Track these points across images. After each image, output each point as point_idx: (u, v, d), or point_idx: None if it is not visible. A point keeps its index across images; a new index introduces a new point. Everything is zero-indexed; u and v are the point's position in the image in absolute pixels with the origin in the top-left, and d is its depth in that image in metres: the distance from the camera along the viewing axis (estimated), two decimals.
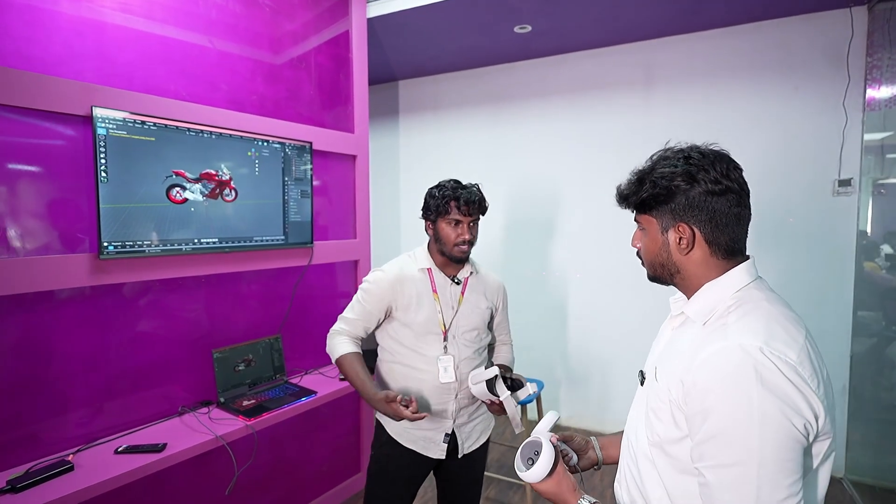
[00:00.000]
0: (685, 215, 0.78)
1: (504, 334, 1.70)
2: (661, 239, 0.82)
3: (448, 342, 1.49)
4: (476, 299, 1.55)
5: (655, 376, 0.82)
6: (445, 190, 1.46)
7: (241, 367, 2.02)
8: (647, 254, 0.85)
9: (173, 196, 1.73)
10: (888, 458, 2.43)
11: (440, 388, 1.48)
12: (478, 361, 1.55)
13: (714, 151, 0.79)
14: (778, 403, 0.65)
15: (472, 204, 1.44)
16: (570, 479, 0.86)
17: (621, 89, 3.14)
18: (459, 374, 1.48)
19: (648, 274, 0.88)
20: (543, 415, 1.19)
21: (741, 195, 0.78)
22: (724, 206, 0.76)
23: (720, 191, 0.76)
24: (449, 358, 1.48)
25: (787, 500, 0.65)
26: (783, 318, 0.73)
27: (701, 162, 0.77)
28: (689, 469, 0.74)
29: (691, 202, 0.77)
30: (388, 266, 1.54)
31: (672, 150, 0.82)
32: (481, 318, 1.54)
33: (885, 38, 2.40)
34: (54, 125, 1.51)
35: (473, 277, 1.57)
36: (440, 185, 1.49)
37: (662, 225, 0.81)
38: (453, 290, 1.53)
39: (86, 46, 1.60)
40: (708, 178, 0.76)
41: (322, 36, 2.42)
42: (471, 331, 1.52)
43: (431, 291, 1.50)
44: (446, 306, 1.51)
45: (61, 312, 1.57)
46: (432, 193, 1.49)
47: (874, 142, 2.51)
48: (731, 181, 0.76)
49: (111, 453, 1.55)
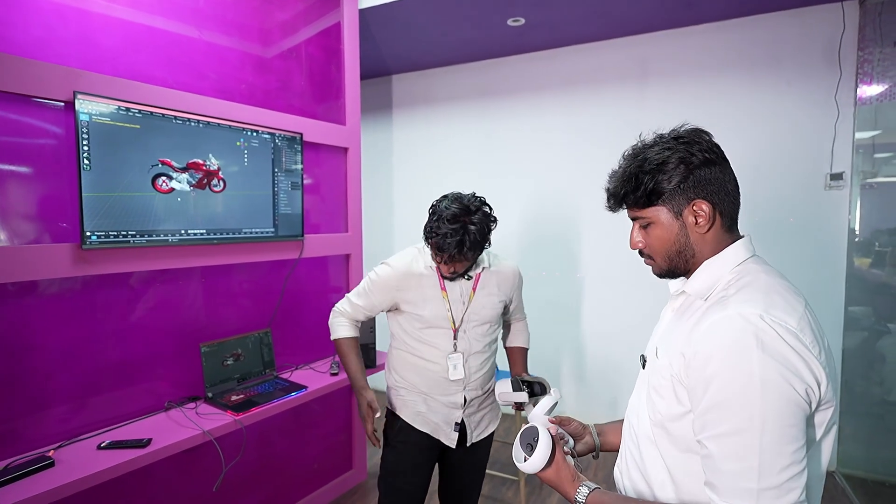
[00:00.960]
0: (697, 191, 0.77)
1: (518, 313, 1.69)
2: (678, 224, 0.79)
3: (458, 339, 1.47)
4: (488, 293, 1.51)
5: (657, 354, 0.82)
6: (434, 235, 1.34)
7: (229, 361, 1.98)
8: (662, 245, 0.81)
9: (159, 185, 1.69)
10: (880, 451, 2.44)
11: (449, 382, 1.48)
12: (487, 354, 1.54)
13: (691, 129, 0.81)
14: (779, 368, 0.64)
15: (455, 259, 1.34)
16: (569, 468, 0.85)
17: (615, 83, 3.13)
18: (468, 369, 1.48)
19: (661, 270, 0.84)
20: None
21: (729, 163, 0.81)
22: (725, 174, 0.78)
23: (716, 159, 0.78)
24: (458, 356, 1.47)
25: (791, 467, 0.64)
26: (782, 288, 0.73)
27: (689, 137, 0.79)
28: (692, 447, 0.73)
29: (698, 178, 0.77)
30: (397, 260, 1.50)
31: (651, 140, 0.82)
32: (494, 312, 1.52)
33: (877, 33, 2.41)
34: (35, 111, 1.46)
35: (486, 272, 1.52)
36: (436, 216, 1.35)
37: (675, 209, 0.79)
38: (464, 285, 1.49)
39: (68, 31, 1.56)
40: (703, 150, 0.77)
41: (313, 27, 2.38)
42: (482, 325, 1.50)
43: (440, 289, 1.47)
44: (456, 303, 1.47)
45: (42, 304, 1.52)
46: (426, 226, 1.39)
47: (865, 139, 2.51)
48: (719, 150, 0.79)
49: (94, 449, 1.51)
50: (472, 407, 1.52)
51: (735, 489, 0.65)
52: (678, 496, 0.77)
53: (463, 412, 1.50)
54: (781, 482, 0.63)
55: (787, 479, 0.63)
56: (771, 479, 0.63)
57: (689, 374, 0.71)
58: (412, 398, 1.51)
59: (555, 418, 1.00)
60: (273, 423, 2.15)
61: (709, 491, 0.69)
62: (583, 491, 0.81)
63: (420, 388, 1.50)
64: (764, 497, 0.63)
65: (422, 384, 1.49)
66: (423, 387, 1.49)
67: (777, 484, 0.63)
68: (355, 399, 2.56)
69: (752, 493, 0.64)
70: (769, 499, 0.63)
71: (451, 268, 1.40)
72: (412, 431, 1.50)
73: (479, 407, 1.54)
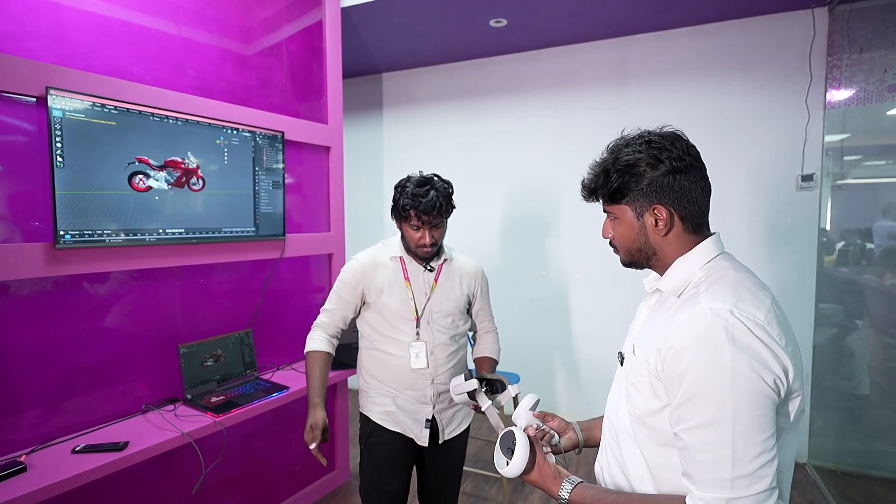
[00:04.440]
0: (658, 197, 0.79)
1: (487, 321, 1.68)
2: (638, 224, 0.83)
3: (421, 328, 1.49)
4: (450, 286, 1.55)
5: (634, 351, 0.83)
6: (406, 195, 1.42)
7: (209, 362, 1.95)
8: (624, 241, 0.86)
9: (136, 184, 1.66)
10: (849, 443, 2.52)
11: (414, 374, 1.48)
12: (454, 348, 1.54)
13: (670, 132, 0.82)
14: (749, 361, 0.67)
15: (430, 213, 1.40)
16: (550, 466, 0.86)
17: (595, 85, 3.17)
18: (434, 360, 1.49)
19: (624, 261, 0.89)
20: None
21: (703, 170, 0.81)
22: (691, 182, 0.79)
23: (684, 167, 0.79)
24: (421, 344, 1.48)
25: (762, 455, 0.66)
26: (749, 283, 0.76)
27: (661, 143, 0.80)
28: (670, 441, 0.75)
29: (661, 184, 0.79)
30: (361, 254, 1.56)
31: (630, 138, 0.84)
32: (456, 305, 1.54)
33: (845, 40, 2.49)
34: (6, 106, 1.42)
35: (447, 265, 1.57)
36: (402, 187, 1.45)
37: (637, 210, 0.82)
38: (426, 276, 1.53)
39: (41, 25, 1.51)
40: (672, 157, 0.78)
41: (295, 24, 2.36)
42: (445, 317, 1.52)
43: (403, 279, 1.51)
44: (419, 293, 1.51)
45: (14, 305, 1.48)
46: (395, 196, 1.47)
47: (834, 142, 2.60)
48: (692, 157, 0.80)
49: (68, 453, 1.47)
50: (443, 403, 1.52)
51: (710, 478, 0.67)
52: (657, 490, 0.79)
53: (433, 408, 1.50)
54: (753, 470, 0.66)
55: (759, 467, 0.66)
56: (743, 467, 0.66)
57: (665, 369, 0.73)
58: (381, 399, 1.51)
59: (539, 413, 1.02)
60: (254, 425, 2.13)
61: (686, 481, 0.71)
62: (566, 487, 0.82)
63: (389, 385, 1.50)
64: (738, 485, 0.66)
65: (389, 380, 1.49)
66: (392, 383, 1.49)
67: (749, 472, 0.66)
68: (339, 401, 2.55)
69: (727, 481, 0.66)
70: (742, 486, 0.66)
71: (427, 232, 1.42)
72: (384, 432, 1.50)
73: (451, 403, 1.54)
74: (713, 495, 0.67)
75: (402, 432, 1.50)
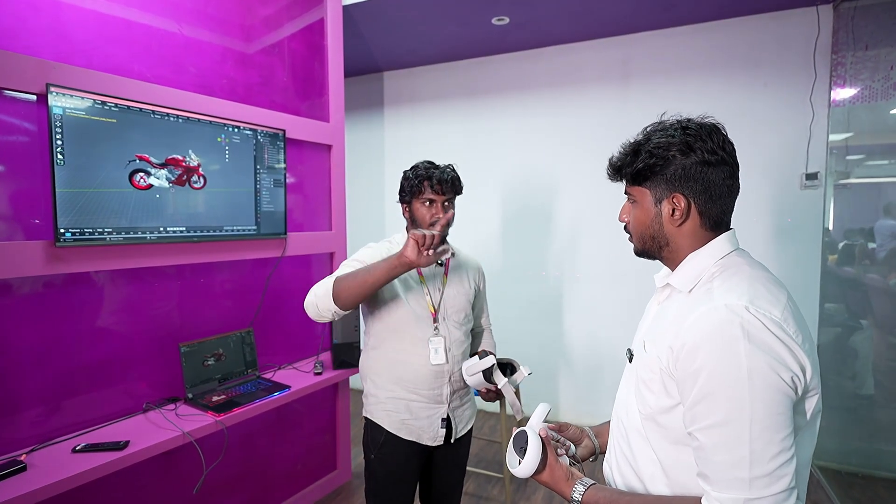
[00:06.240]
0: (680, 186, 0.77)
1: (484, 318, 1.69)
2: (654, 210, 0.81)
3: (438, 324, 1.47)
4: (459, 280, 1.55)
5: (644, 348, 0.82)
6: (419, 170, 1.45)
7: (210, 361, 1.94)
8: (638, 226, 0.84)
9: (136, 182, 1.65)
10: (853, 443, 2.51)
11: (432, 372, 1.44)
12: (467, 344, 1.54)
13: (710, 123, 0.79)
14: (766, 358, 0.65)
15: (445, 183, 1.42)
16: (562, 467, 0.84)
17: (598, 83, 3.16)
18: (451, 357, 1.46)
19: (636, 248, 0.87)
20: (532, 405, 1.17)
21: (734, 168, 0.78)
22: (719, 178, 0.77)
23: (716, 161, 0.76)
24: (440, 339, 1.45)
25: (781, 454, 0.64)
26: (765, 279, 0.74)
27: (698, 132, 0.77)
28: (683, 439, 0.74)
29: (687, 172, 0.77)
30: (374, 244, 1.50)
31: (668, 122, 0.81)
32: (466, 299, 1.54)
33: (850, 37, 2.48)
34: (6, 104, 1.41)
35: (454, 259, 1.57)
36: (414, 167, 1.48)
37: (656, 196, 0.80)
38: (437, 271, 1.52)
39: (41, 22, 1.51)
40: (704, 149, 0.76)
41: (296, 22, 2.35)
42: (458, 312, 1.51)
43: (417, 274, 1.49)
44: (433, 288, 1.49)
45: (14, 303, 1.47)
46: (406, 175, 1.48)
47: (838, 141, 2.59)
48: (726, 153, 0.77)
49: (68, 452, 1.47)
50: (456, 401, 1.51)
51: (727, 479, 0.66)
52: (670, 489, 0.77)
53: (448, 406, 1.48)
54: (772, 470, 0.64)
55: (778, 467, 0.64)
56: (762, 467, 0.64)
57: (678, 367, 0.71)
58: (394, 406, 1.46)
59: (554, 425, 0.99)
60: (256, 424, 2.12)
61: (701, 482, 0.70)
62: (578, 489, 0.81)
63: (403, 389, 1.45)
64: (756, 485, 0.64)
65: (405, 384, 1.45)
66: (408, 384, 1.45)
67: (768, 472, 0.64)
68: (339, 400, 2.53)
69: (744, 481, 0.65)
70: (761, 487, 0.64)
71: (442, 201, 1.41)
72: (399, 442, 1.46)
73: (462, 401, 1.54)
74: (730, 496, 0.65)
75: (416, 440, 1.46)
